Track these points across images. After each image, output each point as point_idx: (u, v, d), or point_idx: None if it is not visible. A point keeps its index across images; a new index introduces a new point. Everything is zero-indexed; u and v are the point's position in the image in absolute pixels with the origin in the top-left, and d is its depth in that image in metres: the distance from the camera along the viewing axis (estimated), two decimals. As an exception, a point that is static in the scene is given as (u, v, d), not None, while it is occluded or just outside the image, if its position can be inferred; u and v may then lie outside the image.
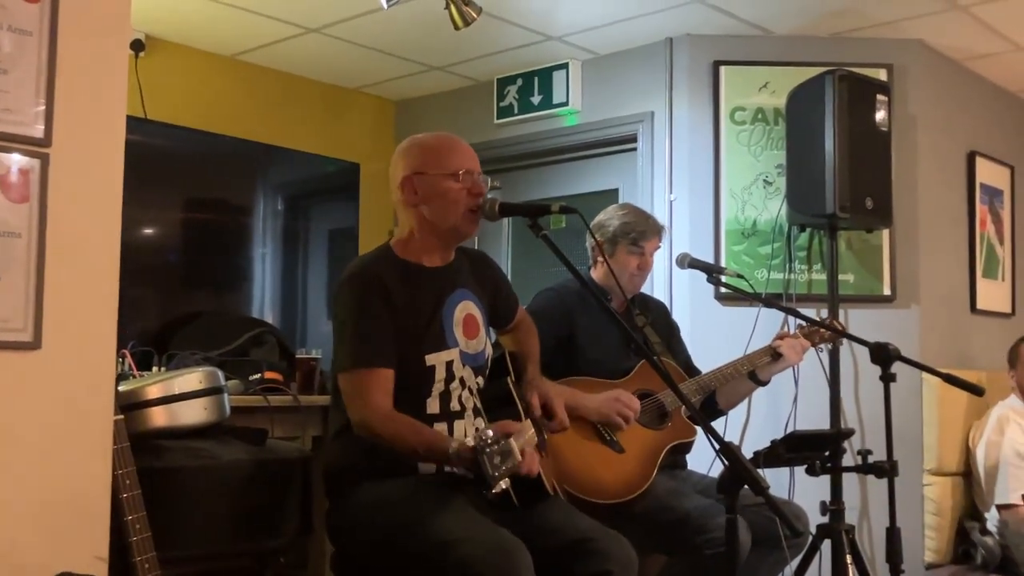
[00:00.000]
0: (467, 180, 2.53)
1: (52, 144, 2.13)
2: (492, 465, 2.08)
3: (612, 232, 3.30)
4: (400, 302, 2.48)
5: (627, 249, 3.28)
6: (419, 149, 2.59)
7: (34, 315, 2.09)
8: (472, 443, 2.13)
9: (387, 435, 2.37)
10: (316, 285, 4.68)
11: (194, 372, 2.68)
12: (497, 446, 2.10)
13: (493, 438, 2.11)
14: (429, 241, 2.59)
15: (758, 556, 2.98)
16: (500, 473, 2.09)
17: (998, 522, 3.92)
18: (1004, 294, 4.96)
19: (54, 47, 2.14)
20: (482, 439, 2.11)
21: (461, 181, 2.52)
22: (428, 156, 2.56)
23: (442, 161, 2.54)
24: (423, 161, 2.55)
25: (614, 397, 3.02)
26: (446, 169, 2.53)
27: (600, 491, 2.94)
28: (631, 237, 3.28)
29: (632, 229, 3.29)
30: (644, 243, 3.29)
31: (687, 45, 4.37)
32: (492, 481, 2.09)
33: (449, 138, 2.62)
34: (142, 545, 2.18)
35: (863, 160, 3.87)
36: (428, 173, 2.54)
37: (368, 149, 5.21)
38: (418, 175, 2.54)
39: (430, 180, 2.53)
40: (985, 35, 4.31)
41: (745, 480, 1.93)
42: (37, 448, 2.10)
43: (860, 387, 4.12)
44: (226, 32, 4.46)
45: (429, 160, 2.55)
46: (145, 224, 4.09)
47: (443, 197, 2.53)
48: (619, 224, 3.30)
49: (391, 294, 2.47)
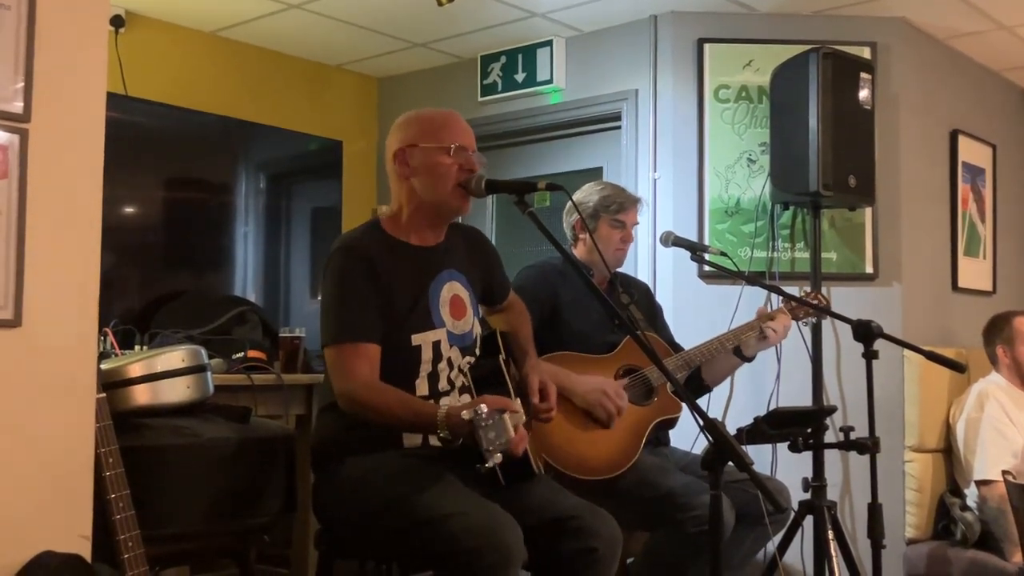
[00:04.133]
0: (459, 155, 2.52)
1: (31, 120, 2.11)
2: (488, 439, 2.10)
3: (592, 207, 3.31)
4: (386, 279, 2.47)
5: (609, 223, 3.30)
6: (416, 122, 2.58)
7: (15, 293, 2.07)
8: (467, 416, 2.13)
9: (372, 404, 2.37)
10: (299, 264, 4.67)
11: (177, 350, 2.67)
12: (492, 421, 2.12)
13: (488, 412, 2.12)
14: (418, 217, 2.58)
15: (741, 532, 3.01)
16: (495, 448, 2.11)
17: (977, 498, 3.96)
18: (985, 272, 4.99)
19: (32, 22, 2.11)
20: (478, 413, 2.12)
21: (453, 155, 2.51)
22: (423, 129, 2.56)
23: (436, 134, 2.54)
24: (417, 133, 2.55)
25: (602, 390, 3.01)
26: (438, 142, 2.52)
27: (585, 467, 2.95)
28: (611, 209, 3.30)
29: (612, 201, 3.31)
30: (624, 215, 3.32)
31: (671, 22, 4.36)
32: (487, 455, 2.11)
33: (447, 113, 2.62)
34: (125, 523, 2.17)
35: (846, 138, 3.88)
36: (420, 145, 2.53)
37: (351, 127, 5.18)
38: (411, 147, 2.54)
39: (422, 152, 2.53)
40: (968, 14, 4.31)
41: (730, 456, 1.94)
42: (18, 427, 2.08)
43: (842, 364, 4.15)
44: (207, 8, 4.42)
45: (423, 133, 2.55)
46: (126, 202, 4.05)
47: (433, 170, 2.52)
48: (599, 199, 3.32)
49: (377, 269, 2.46)
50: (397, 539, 2.35)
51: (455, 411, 2.24)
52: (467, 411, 2.15)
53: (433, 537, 2.24)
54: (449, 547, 2.21)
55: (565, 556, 2.43)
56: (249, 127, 4.58)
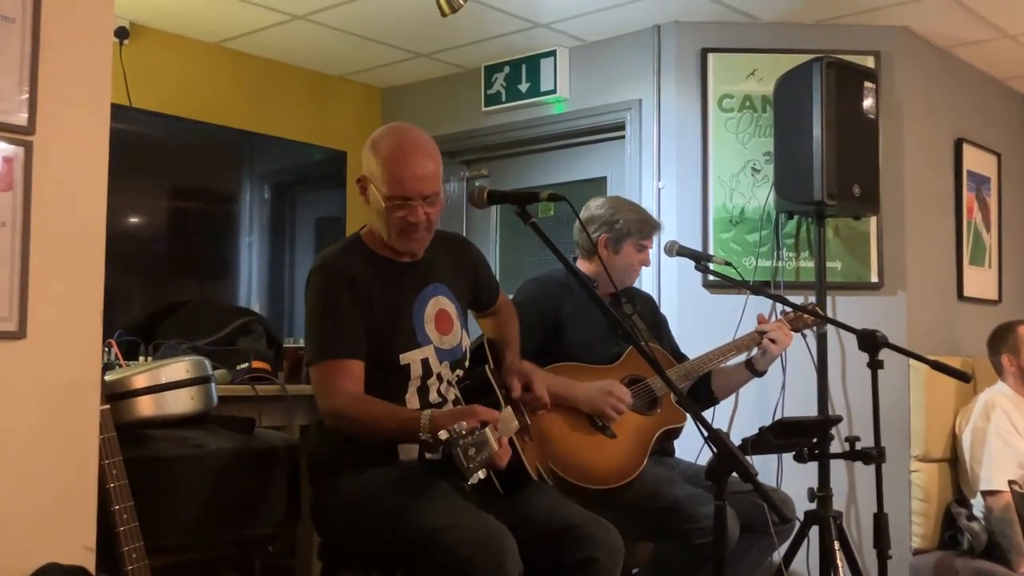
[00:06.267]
0: (401, 209, 2.42)
1: (36, 132, 2.11)
2: (467, 457, 2.06)
3: (623, 228, 3.30)
4: (367, 296, 2.45)
5: (636, 246, 3.32)
6: (377, 153, 2.47)
7: (19, 304, 2.08)
8: (444, 436, 2.08)
9: (358, 417, 2.36)
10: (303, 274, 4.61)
11: (181, 361, 2.67)
12: (471, 437, 2.07)
13: (467, 429, 2.08)
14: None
15: (746, 543, 3.00)
16: (475, 464, 2.06)
17: (984, 508, 3.94)
18: (991, 281, 4.97)
19: (37, 34, 2.12)
20: (455, 431, 2.07)
21: (395, 208, 2.43)
22: (379, 166, 2.45)
23: (387, 176, 2.43)
24: (374, 168, 2.47)
25: (606, 391, 3.02)
26: (386, 189, 2.43)
27: (592, 477, 2.95)
28: (643, 234, 3.33)
29: (644, 226, 3.34)
30: (649, 239, 3.37)
31: (675, 32, 4.37)
32: (467, 474, 2.07)
33: (408, 150, 2.45)
34: (129, 535, 2.17)
35: (850, 147, 3.87)
36: (373, 183, 2.47)
37: (355, 137, 5.16)
38: (366, 179, 2.50)
39: (373, 190, 2.48)
40: (971, 22, 4.31)
41: (734, 467, 1.93)
42: (23, 438, 2.08)
43: (848, 374, 4.13)
44: (211, 19, 4.43)
45: (377, 171, 2.45)
46: (131, 213, 4.06)
47: (380, 212, 2.47)
48: (634, 220, 3.32)
49: (358, 286, 2.45)
50: (394, 551, 2.35)
51: (439, 415, 2.24)
52: (444, 431, 2.08)
53: (428, 549, 2.24)
54: (444, 558, 2.21)
55: (566, 565, 2.42)
56: (253, 137, 4.59)
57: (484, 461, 2.08)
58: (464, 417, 2.16)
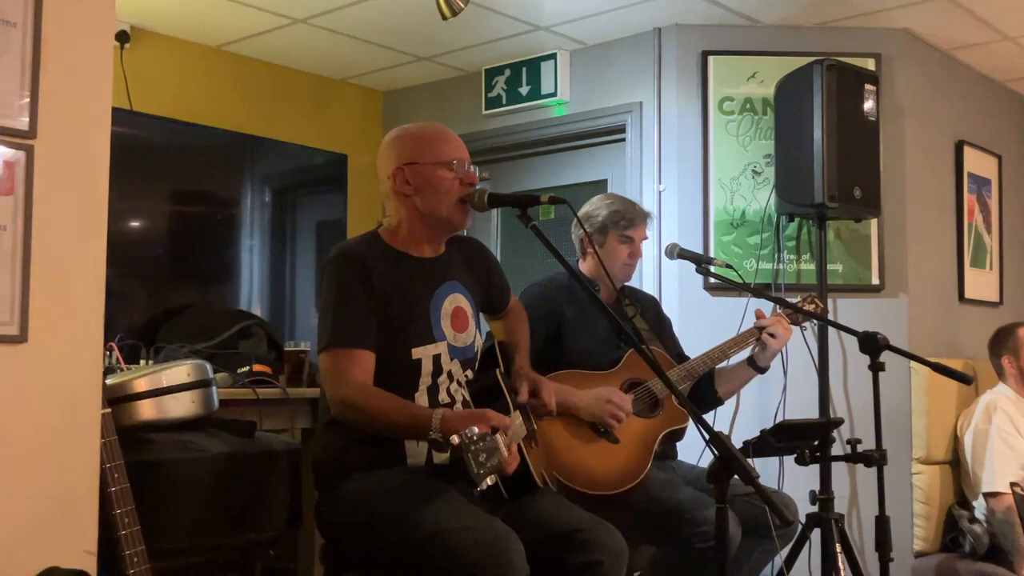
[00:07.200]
0: (460, 169, 2.52)
1: (37, 136, 2.11)
2: (477, 463, 2.05)
3: (601, 221, 3.29)
4: (384, 289, 2.45)
5: (617, 238, 3.28)
6: (410, 139, 2.56)
7: (20, 308, 2.08)
8: (456, 441, 2.08)
9: (367, 408, 2.35)
10: (304, 277, 4.67)
11: (182, 365, 2.67)
12: (483, 443, 2.07)
13: (479, 435, 2.07)
14: (420, 232, 2.57)
15: (748, 545, 2.99)
16: (485, 471, 2.06)
17: (985, 510, 3.94)
18: (992, 283, 4.97)
19: (38, 38, 2.12)
20: (467, 436, 2.06)
21: (454, 170, 2.51)
22: (420, 146, 2.54)
23: (435, 150, 2.52)
24: (415, 151, 2.53)
25: (606, 398, 3.01)
26: (439, 158, 2.51)
27: (597, 482, 2.94)
28: (620, 225, 3.27)
29: (621, 217, 3.28)
30: (633, 230, 3.29)
31: (675, 35, 4.37)
32: (477, 480, 2.06)
33: (439, 127, 2.60)
34: (131, 538, 2.17)
35: (851, 150, 3.88)
36: (420, 163, 2.52)
37: (356, 140, 5.19)
38: (410, 165, 2.52)
39: (422, 170, 2.51)
40: (973, 25, 4.31)
41: (735, 469, 1.93)
42: (24, 442, 2.08)
43: (849, 376, 4.13)
44: (212, 23, 4.43)
45: (421, 150, 2.53)
46: (132, 216, 4.07)
47: (436, 187, 2.51)
48: (607, 213, 3.29)
49: (374, 279, 2.45)
50: (400, 554, 2.34)
51: (451, 416, 2.24)
52: (456, 436, 2.08)
53: (434, 552, 2.23)
54: (450, 561, 2.20)
55: (570, 569, 2.41)
56: (254, 141, 4.59)
57: (494, 467, 2.08)
58: (476, 421, 2.16)
